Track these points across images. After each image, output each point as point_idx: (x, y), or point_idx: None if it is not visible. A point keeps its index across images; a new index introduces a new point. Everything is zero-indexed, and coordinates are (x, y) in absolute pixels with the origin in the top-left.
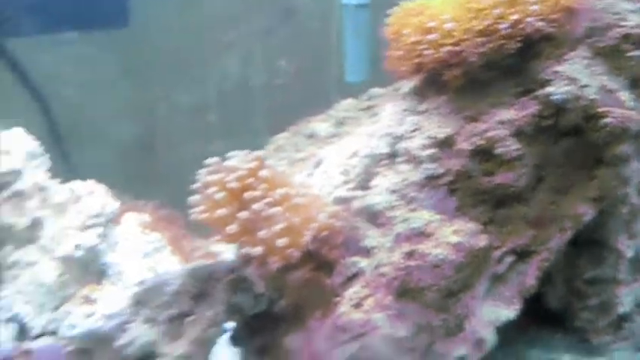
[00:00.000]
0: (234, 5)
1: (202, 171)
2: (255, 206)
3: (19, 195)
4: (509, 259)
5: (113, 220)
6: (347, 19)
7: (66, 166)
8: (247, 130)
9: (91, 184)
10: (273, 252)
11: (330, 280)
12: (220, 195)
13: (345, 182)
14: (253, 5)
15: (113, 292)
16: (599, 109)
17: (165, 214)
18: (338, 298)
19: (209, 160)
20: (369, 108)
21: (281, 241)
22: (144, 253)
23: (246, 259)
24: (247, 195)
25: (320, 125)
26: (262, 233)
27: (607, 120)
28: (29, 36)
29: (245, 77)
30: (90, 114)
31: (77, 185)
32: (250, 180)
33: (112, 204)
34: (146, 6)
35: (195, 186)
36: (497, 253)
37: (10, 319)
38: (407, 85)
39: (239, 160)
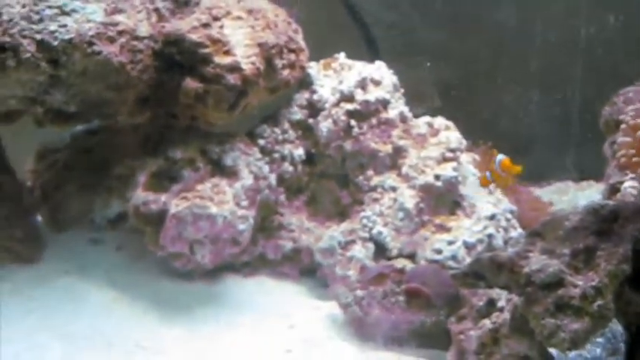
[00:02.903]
0: None
1: (628, 113)
2: None
3: (386, 123)
4: None
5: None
6: None
7: None
8: (566, 80)
9: (442, 119)
10: None
11: None
12: None
13: None
14: None
15: (468, 222)
16: None
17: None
18: None
19: (632, 107)
20: None
21: None
22: (487, 190)
23: None
24: None
25: None
26: None
27: None
28: None
29: (570, 28)
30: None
31: (433, 119)
32: None
33: (463, 140)
34: None
35: (622, 127)
36: None
37: (369, 239)
38: None
39: None
